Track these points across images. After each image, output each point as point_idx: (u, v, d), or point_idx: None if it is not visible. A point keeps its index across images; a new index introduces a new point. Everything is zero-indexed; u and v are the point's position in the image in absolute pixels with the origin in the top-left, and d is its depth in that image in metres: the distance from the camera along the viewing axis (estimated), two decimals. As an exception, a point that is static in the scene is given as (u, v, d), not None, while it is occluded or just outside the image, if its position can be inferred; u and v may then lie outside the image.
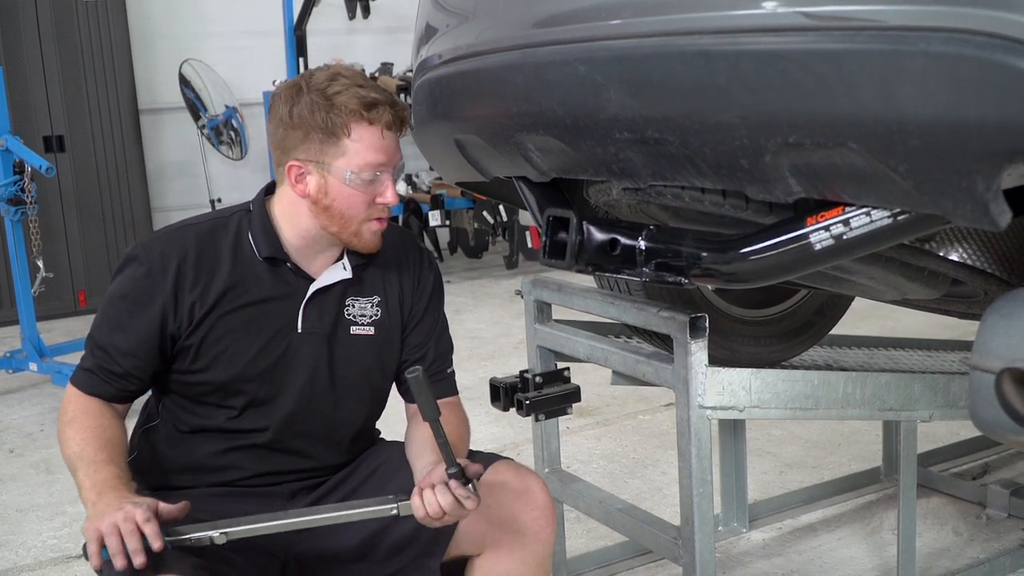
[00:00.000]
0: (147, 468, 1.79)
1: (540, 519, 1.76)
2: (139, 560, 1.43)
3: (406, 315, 1.85)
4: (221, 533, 1.53)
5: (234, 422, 1.75)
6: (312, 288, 1.75)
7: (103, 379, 1.70)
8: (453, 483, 1.56)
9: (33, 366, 4.65)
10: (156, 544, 1.45)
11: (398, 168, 1.72)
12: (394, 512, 1.59)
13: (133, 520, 1.45)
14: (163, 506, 1.51)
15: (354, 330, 1.79)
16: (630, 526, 2.22)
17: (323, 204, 1.68)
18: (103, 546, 1.45)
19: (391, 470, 1.83)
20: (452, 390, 1.90)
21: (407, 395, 1.88)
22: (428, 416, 1.54)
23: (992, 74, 1.01)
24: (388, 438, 1.99)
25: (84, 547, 1.56)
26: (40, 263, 4.57)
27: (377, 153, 1.67)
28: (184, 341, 1.70)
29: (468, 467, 1.59)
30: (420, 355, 1.86)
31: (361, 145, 1.66)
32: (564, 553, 2.51)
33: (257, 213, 1.75)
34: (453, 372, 1.92)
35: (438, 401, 1.70)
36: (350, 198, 1.68)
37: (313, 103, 1.65)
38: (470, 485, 1.57)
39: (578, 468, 3.42)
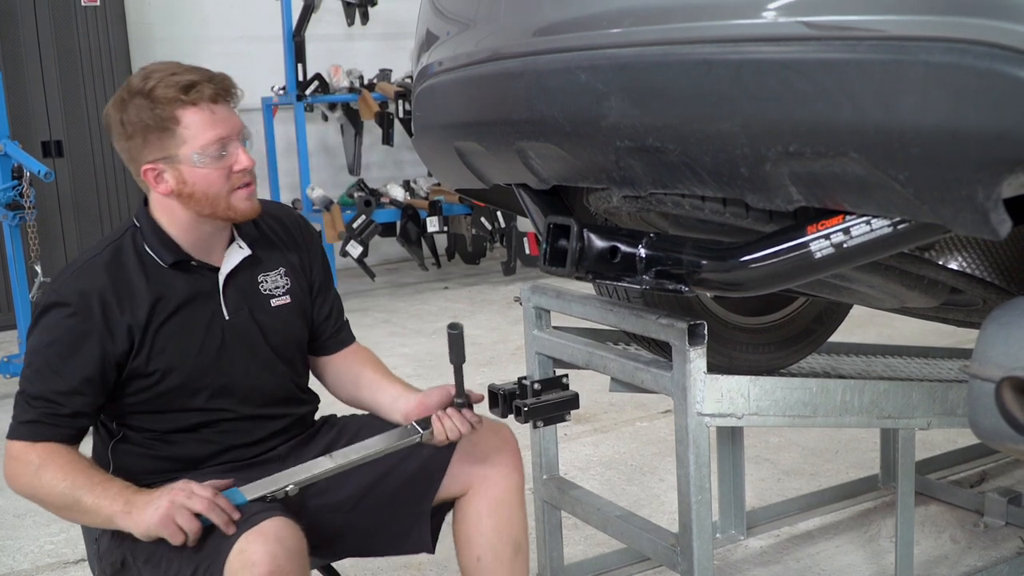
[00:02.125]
0: (134, 474, 1.79)
1: (515, 455, 1.98)
2: (231, 530, 1.58)
3: (309, 276, 1.97)
4: (294, 484, 1.70)
5: (204, 414, 1.82)
6: (222, 277, 1.83)
7: (52, 424, 1.70)
8: (465, 411, 1.84)
9: (30, 371, 4.63)
10: (236, 515, 1.60)
11: (242, 134, 1.76)
12: (418, 439, 1.84)
13: (197, 495, 1.60)
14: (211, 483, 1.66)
15: (274, 302, 1.89)
16: (628, 533, 2.22)
17: (187, 193, 1.74)
18: (179, 527, 1.58)
19: (358, 420, 2.02)
20: (353, 337, 2.08)
21: (320, 351, 2.03)
22: (457, 360, 1.82)
23: (992, 83, 1.02)
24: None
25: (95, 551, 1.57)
26: (38, 268, 4.55)
27: (211, 128, 1.71)
28: (132, 363, 1.74)
29: (471, 395, 1.86)
30: (328, 310, 2.01)
31: (194, 127, 1.70)
32: (562, 560, 2.51)
33: (147, 226, 1.79)
34: (348, 321, 2.08)
35: (348, 348, 2.05)
36: (207, 178, 1.72)
37: (138, 107, 1.70)
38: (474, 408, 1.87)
39: (576, 475, 3.42)
